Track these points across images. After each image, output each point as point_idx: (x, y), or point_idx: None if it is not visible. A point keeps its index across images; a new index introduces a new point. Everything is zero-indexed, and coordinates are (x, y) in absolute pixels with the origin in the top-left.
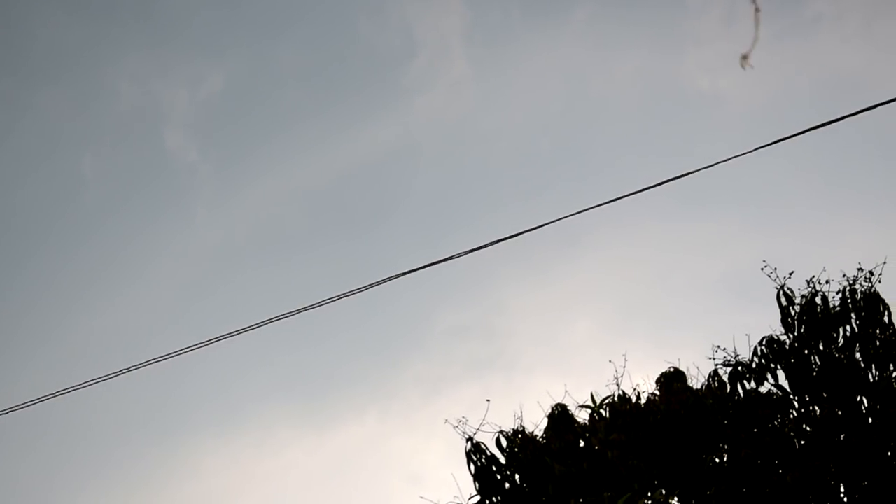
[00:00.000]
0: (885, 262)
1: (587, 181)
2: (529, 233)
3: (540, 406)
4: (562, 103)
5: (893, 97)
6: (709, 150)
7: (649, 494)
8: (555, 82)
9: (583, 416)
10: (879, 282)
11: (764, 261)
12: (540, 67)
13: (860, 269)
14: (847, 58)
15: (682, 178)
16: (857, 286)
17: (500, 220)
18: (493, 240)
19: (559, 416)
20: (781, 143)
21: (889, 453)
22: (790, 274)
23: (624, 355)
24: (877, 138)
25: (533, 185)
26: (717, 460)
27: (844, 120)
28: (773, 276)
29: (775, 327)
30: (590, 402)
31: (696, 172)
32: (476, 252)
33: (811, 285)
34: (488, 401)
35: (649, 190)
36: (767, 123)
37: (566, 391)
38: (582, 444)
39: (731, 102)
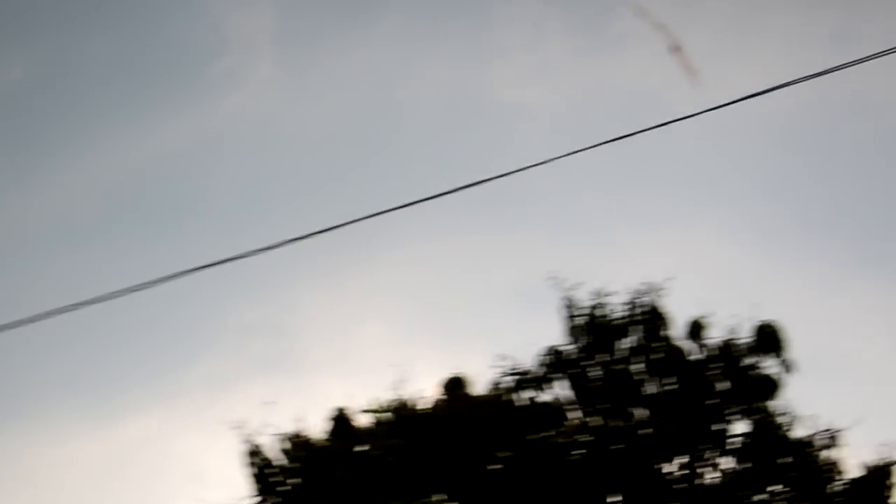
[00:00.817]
0: (668, 278)
1: (388, 184)
2: (325, 233)
3: (323, 409)
4: (368, 107)
5: (687, 114)
6: (510, 160)
7: (425, 501)
8: (363, 86)
9: (366, 420)
10: (661, 297)
11: (551, 272)
12: (348, 71)
13: (643, 284)
14: (648, 75)
15: (479, 185)
16: (640, 300)
17: (297, 218)
18: (286, 239)
19: (341, 419)
20: (577, 154)
21: (664, 464)
22: (576, 286)
23: (408, 360)
24: (669, 155)
25: (334, 186)
26: (497, 466)
27: (639, 135)
28: (560, 287)
29: (561, 338)
30: (372, 406)
31: (493, 180)
32: (269, 251)
33: (596, 298)
34: (269, 403)
35: (446, 196)
36: (568, 135)
37: (349, 394)
38: (364, 447)
39: (535, 114)
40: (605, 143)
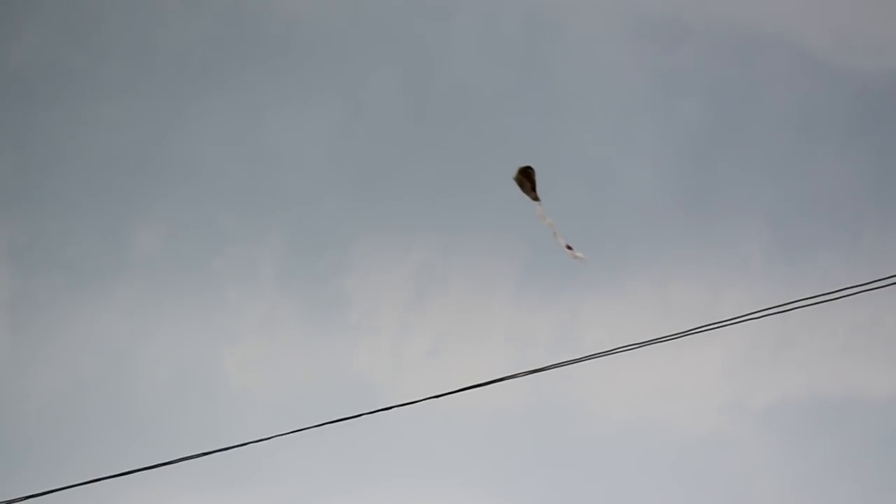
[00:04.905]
0: None
1: (113, 451)
2: (48, 494)
3: None
4: (98, 376)
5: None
6: (235, 438)
7: None
8: (91, 354)
9: None
10: None
11: None
12: (78, 339)
13: None
14: (377, 363)
15: (204, 456)
16: None
17: (14, 485)
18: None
19: None
20: (306, 431)
21: None
22: None
23: None
24: (395, 439)
25: (56, 452)
26: None
27: (364, 416)
28: None
29: None
30: None
31: (220, 452)
32: None
33: None
34: None
35: (169, 465)
36: (294, 418)
37: None
38: None
39: (262, 397)
40: (337, 420)
